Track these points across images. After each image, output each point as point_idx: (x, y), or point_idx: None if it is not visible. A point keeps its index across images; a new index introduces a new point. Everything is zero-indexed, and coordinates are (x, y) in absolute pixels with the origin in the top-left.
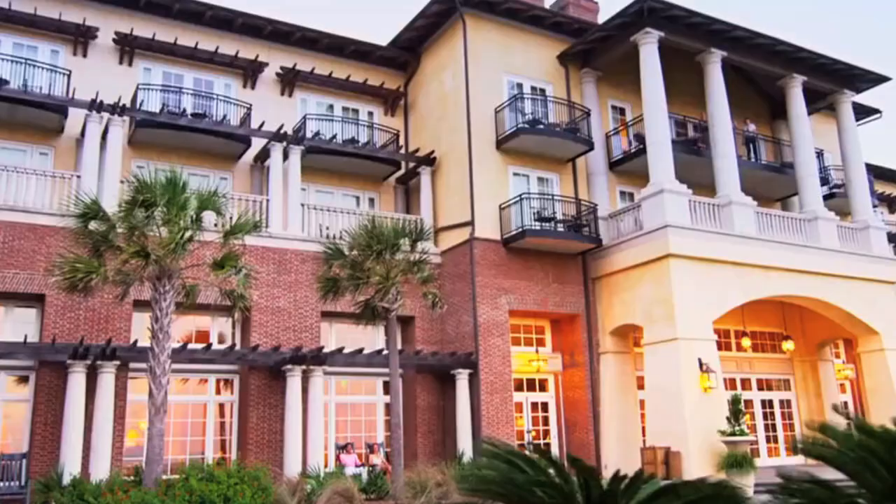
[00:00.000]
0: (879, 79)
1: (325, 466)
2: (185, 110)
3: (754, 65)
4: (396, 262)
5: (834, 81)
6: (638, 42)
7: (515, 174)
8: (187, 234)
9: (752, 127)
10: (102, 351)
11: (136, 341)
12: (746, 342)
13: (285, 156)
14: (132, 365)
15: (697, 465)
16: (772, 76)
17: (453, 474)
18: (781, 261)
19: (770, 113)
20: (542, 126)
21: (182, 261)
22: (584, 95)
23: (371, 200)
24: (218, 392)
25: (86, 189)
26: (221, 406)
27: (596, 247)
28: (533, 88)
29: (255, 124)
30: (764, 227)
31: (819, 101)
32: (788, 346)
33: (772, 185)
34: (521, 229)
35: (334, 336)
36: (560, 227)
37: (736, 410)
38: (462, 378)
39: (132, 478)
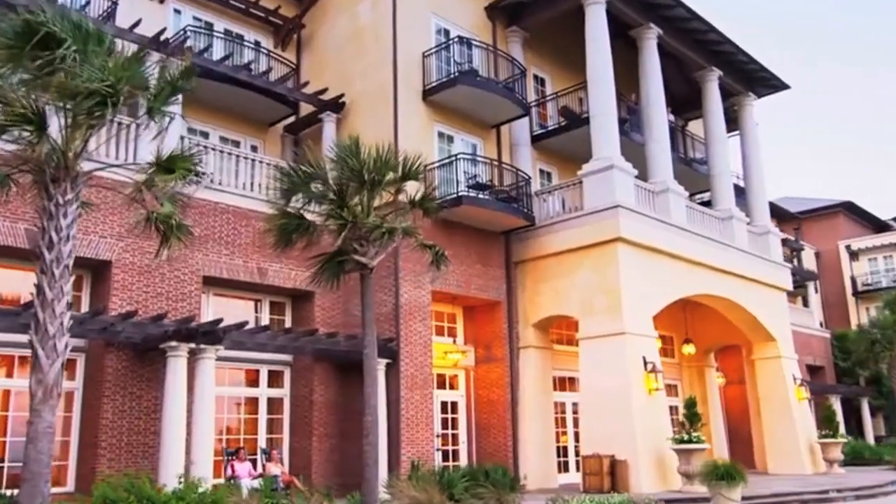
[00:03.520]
0: (782, 86)
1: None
2: None
3: (680, 50)
4: (392, 197)
5: (742, 82)
6: (584, 2)
7: (440, 133)
8: (110, 94)
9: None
10: None
11: None
12: (657, 343)
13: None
14: None
15: (647, 476)
16: (689, 66)
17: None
18: (708, 257)
19: (671, 109)
20: (480, 79)
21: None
22: (508, 59)
23: (254, 148)
24: None
25: None
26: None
27: (529, 225)
28: (460, 38)
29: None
30: (692, 220)
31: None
32: (689, 349)
33: (681, 180)
34: (456, 195)
35: (212, 309)
36: (494, 199)
37: (692, 415)
38: (379, 369)
39: None
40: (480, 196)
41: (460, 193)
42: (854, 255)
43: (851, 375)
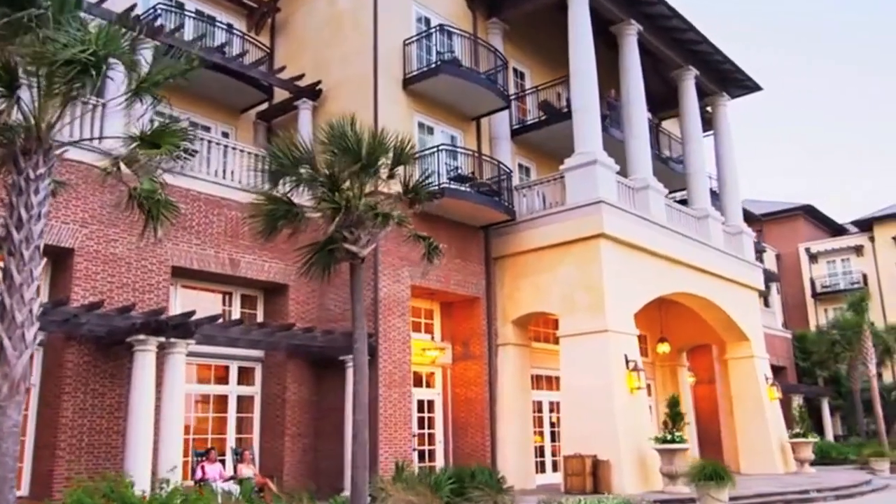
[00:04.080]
0: (755, 87)
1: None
2: None
3: (658, 48)
4: (379, 186)
5: (717, 82)
6: None
7: (420, 124)
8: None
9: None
10: None
11: None
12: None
13: (132, 49)
14: None
15: (630, 476)
16: (666, 65)
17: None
18: (686, 255)
19: (647, 107)
20: (462, 68)
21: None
22: (488, 50)
23: (225, 135)
24: None
25: None
26: None
27: (509, 220)
28: (441, 27)
29: None
30: (670, 218)
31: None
32: (664, 348)
33: (657, 179)
34: (438, 187)
35: (179, 301)
36: (475, 192)
37: (675, 414)
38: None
39: None
40: (462, 189)
41: (442, 185)
42: (813, 258)
43: (810, 375)
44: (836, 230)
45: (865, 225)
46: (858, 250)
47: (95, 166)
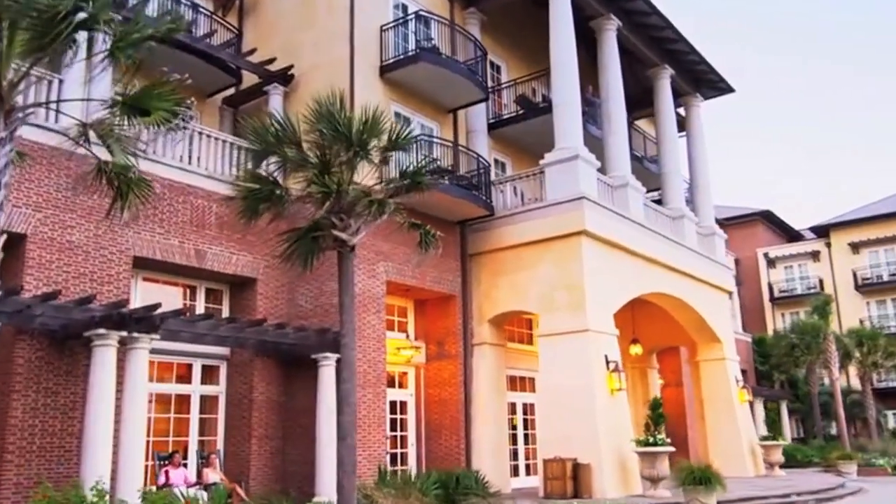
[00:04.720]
0: (728, 88)
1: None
2: None
3: (636, 45)
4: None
5: (691, 83)
6: None
7: (397, 114)
8: None
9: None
10: None
11: None
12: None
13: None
14: None
15: (611, 480)
16: (643, 63)
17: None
18: (663, 255)
19: None
20: (443, 57)
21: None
22: (467, 40)
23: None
24: None
25: None
26: None
27: (487, 215)
28: (417, 14)
29: None
30: (647, 218)
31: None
32: (637, 350)
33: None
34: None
35: (139, 295)
36: (455, 186)
37: (657, 416)
38: (328, 365)
39: None
40: (442, 182)
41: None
42: (771, 263)
43: (768, 379)
44: (793, 236)
45: (822, 231)
46: (815, 256)
47: (64, 135)
